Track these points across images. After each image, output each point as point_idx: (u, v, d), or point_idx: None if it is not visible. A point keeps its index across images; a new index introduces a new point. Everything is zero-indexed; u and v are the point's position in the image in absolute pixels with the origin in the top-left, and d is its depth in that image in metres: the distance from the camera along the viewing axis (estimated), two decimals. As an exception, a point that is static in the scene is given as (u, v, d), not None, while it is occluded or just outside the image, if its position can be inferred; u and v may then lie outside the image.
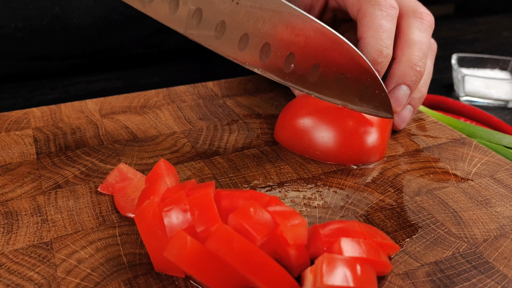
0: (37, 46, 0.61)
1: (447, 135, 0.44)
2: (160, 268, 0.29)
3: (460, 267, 0.30)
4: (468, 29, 0.85)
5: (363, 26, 0.40)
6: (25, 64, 0.63)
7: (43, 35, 0.60)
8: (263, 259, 0.26)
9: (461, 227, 0.33)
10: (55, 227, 0.33)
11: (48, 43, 0.62)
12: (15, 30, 0.59)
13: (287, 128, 0.41)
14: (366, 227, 0.30)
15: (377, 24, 0.39)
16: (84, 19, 0.61)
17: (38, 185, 0.37)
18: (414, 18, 0.41)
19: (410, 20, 0.41)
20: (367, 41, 0.39)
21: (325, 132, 0.39)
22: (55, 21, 0.60)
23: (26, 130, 0.45)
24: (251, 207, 0.28)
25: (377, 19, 0.39)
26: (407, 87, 0.40)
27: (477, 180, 0.38)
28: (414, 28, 0.41)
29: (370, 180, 0.38)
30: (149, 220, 0.28)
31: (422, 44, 0.40)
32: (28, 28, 0.59)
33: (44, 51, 0.63)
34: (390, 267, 0.29)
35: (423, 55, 0.40)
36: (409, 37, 0.40)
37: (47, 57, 0.63)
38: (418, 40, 0.40)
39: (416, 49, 0.40)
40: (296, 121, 0.41)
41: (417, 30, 0.41)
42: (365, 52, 0.39)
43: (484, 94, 0.59)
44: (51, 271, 0.30)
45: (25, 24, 0.59)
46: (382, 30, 0.39)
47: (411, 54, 0.40)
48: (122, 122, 0.46)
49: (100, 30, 0.63)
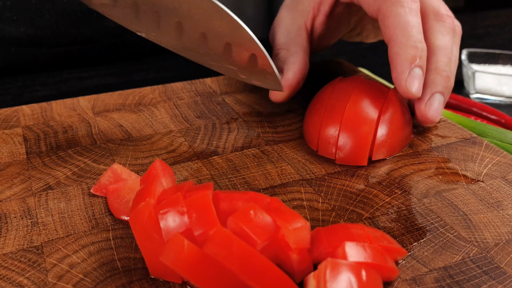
0: (26, 29, 0.61)
1: (457, 134, 0.44)
2: (156, 274, 0.29)
3: (470, 273, 0.30)
4: (478, 23, 0.85)
5: (388, 27, 0.40)
6: (13, 51, 0.63)
7: (31, 15, 0.61)
8: (263, 264, 0.26)
9: (471, 231, 0.33)
10: (46, 230, 0.33)
11: (37, 27, 0.62)
12: (3, 9, 0.59)
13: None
14: (372, 231, 0.30)
15: (403, 22, 0.40)
16: (74, 1, 0.61)
17: (28, 186, 0.37)
18: (436, 21, 0.42)
19: (431, 24, 0.42)
20: (400, 41, 0.39)
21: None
22: (44, 2, 0.60)
23: (15, 128, 0.45)
24: (251, 209, 0.28)
25: (402, 17, 0.40)
26: (440, 95, 0.41)
27: (488, 181, 0.38)
28: (437, 32, 0.42)
29: (376, 181, 0.38)
30: (145, 223, 0.28)
31: (446, 50, 0.41)
32: (17, 8, 0.59)
33: (33, 36, 0.63)
34: (396, 272, 0.29)
35: (448, 60, 0.41)
36: (433, 43, 0.41)
37: (36, 43, 0.63)
38: (442, 46, 0.41)
39: (441, 55, 0.41)
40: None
41: (440, 35, 0.41)
42: (402, 53, 0.39)
43: (496, 91, 0.59)
44: (42, 276, 0.30)
45: (13, 3, 0.59)
46: (411, 27, 0.40)
47: (438, 62, 0.41)
48: (116, 120, 0.46)
49: (91, 15, 0.63)
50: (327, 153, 0.40)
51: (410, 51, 0.39)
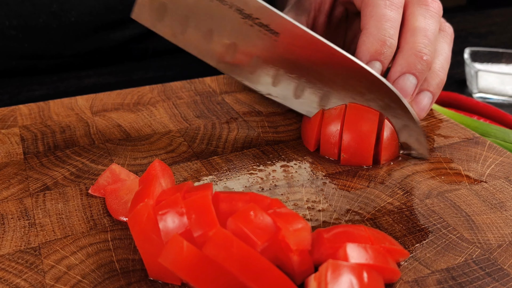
0: (30, 45, 0.61)
1: (460, 134, 0.44)
2: (155, 275, 0.29)
3: (473, 274, 0.30)
4: (481, 21, 0.85)
5: (365, 16, 0.40)
6: (13, 63, 0.63)
7: (37, 33, 0.60)
8: (264, 265, 0.26)
9: (474, 232, 0.33)
10: (43, 231, 0.33)
11: (41, 42, 0.62)
12: (8, 27, 0.59)
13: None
14: (373, 232, 0.30)
15: (380, 13, 0.39)
16: (82, 17, 0.61)
17: (26, 186, 0.37)
18: (418, 5, 0.41)
19: (414, 8, 0.41)
20: (370, 31, 0.39)
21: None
22: (52, 19, 0.60)
23: (12, 128, 0.45)
24: (251, 210, 0.28)
25: (380, 8, 0.40)
26: (413, 77, 0.40)
27: (491, 182, 0.38)
28: (418, 15, 0.41)
29: (377, 181, 0.38)
30: (143, 224, 0.28)
31: (427, 31, 0.40)
32: (22, 25, 0.59)
33: (37, 50, 0.63)
34: (398, 274, 0.29)
35: (428, 42, 0.40)
36: (413, 25, 0.40)
37: (38, 56, 0.63)
38: (422, 27, 0.40)
39: (421, 37, 0.40)
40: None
41: (421, 17, 0.41)
42: (367, 43, 0.39)
43: (499, 90, 0.59)
44: (39, 278, 0.30)
45: (19, 21, 0.59)
46: (386, 20, 0.39)
47: (415, 42, 0.40)
48: (115, 120, 0.46)
49: (98, 29, 0.63)
50: (329, 153, 0.40)
51: (375, 44, 0.39)
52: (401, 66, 0.40)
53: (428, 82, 0.42)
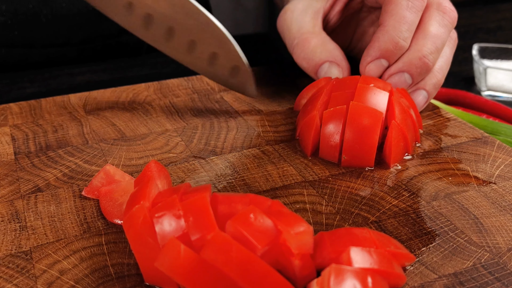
0: (20, 32, 0.62)
1: (468, 134, 0.44)
2: (151, 280, 0.29)
3: (481, 279, 0.30)
4: (490, 16, 0.85)
5: (386, 12, 0.42)
6: (3, 51, 0.63)
7: (27, 20, 0.61)
8: (264, 270, 0.26)
9: (482, 235, 0.33)
10: (35, 234, 0.33)
11: (32, 30, 0.62)
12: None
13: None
14: (378, 235, 0.30)
15: (400, 14, 0.41)
16: (73, 5, 0.61)
17: (16, 188, 0.37)
18: (437, 11, 0.43)
19: (432, 12, 0.43)
20: (386, 29, 0.41)
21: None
22: (42, 6, 0.60)
23: (2, 127, 0.45)
24: (251, 213, 0.28)
25: (402, 9, 0.42)
26: (409, 76, 0.42)
27: (500, 183, 0.38)
28: (433, 20, 0.43)
29: (382, 183, 0.38)
30: (139, 227, 0.28)
31: (438, 39, 0.42)
32: (11, 11, 0.60)
33: (27, 38, 0.63)
34: (404, 279, 0.29)
35: (435, 49, 0.42)
36: (427, 29, 0.43)
37: (28, 44, 0.64)
38: (434, 34, 0.42)
39: (430, 42, 0.42)
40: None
41: (436, 23, 0.43)
42: (381, 40, 0.42)
43: (508, 88, 0.59)
44: (31, 283, 0.30)
45: (8, 7, 0.60)
46: (404, 21, 0.41)
47: (424, 45, 0.42)
48: (109, 119, 0.46)
49: (90, 18, 0.64)
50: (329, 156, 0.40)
51: (388, 43, 0.41)
52: (403, 63, 0.42)
53: (425, 81, 0.44)
